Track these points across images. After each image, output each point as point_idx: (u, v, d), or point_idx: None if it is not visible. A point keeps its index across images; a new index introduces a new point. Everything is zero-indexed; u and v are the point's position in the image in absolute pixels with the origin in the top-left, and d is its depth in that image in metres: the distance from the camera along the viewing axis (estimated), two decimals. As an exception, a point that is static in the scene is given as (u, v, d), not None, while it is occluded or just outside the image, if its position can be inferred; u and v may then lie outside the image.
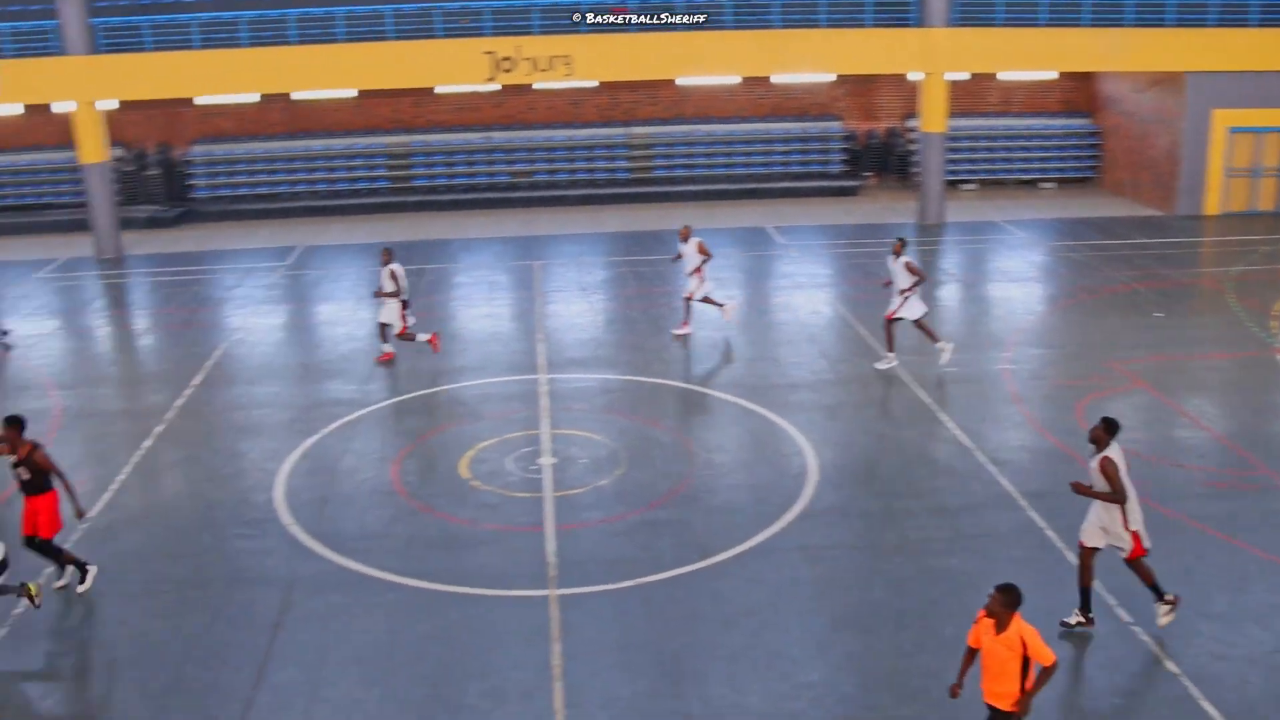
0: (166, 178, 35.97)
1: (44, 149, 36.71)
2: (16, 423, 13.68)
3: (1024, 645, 9.06)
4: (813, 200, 35.06)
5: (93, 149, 31.27)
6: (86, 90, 30.76)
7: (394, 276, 20.97)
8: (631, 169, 36.09)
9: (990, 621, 9.21)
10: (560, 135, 36.07)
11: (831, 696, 11.30)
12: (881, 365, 20.39)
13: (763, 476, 16.34)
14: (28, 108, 35.79)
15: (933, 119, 31.84)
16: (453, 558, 14.30)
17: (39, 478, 13.66)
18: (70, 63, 30.40)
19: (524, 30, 30.25)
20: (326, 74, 30.58)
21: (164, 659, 12.62)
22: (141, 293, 28.27)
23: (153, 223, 34.65)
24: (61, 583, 13.92)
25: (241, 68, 30.31)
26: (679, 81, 35.89)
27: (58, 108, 34.83)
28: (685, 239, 22.24)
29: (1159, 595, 12.12)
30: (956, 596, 12.87)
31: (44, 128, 36.62)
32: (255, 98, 35.35)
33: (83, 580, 13.91)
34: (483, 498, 15.82)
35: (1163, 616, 12.14)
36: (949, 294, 25.68)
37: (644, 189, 35.44)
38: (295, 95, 35.34)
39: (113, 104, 33.40)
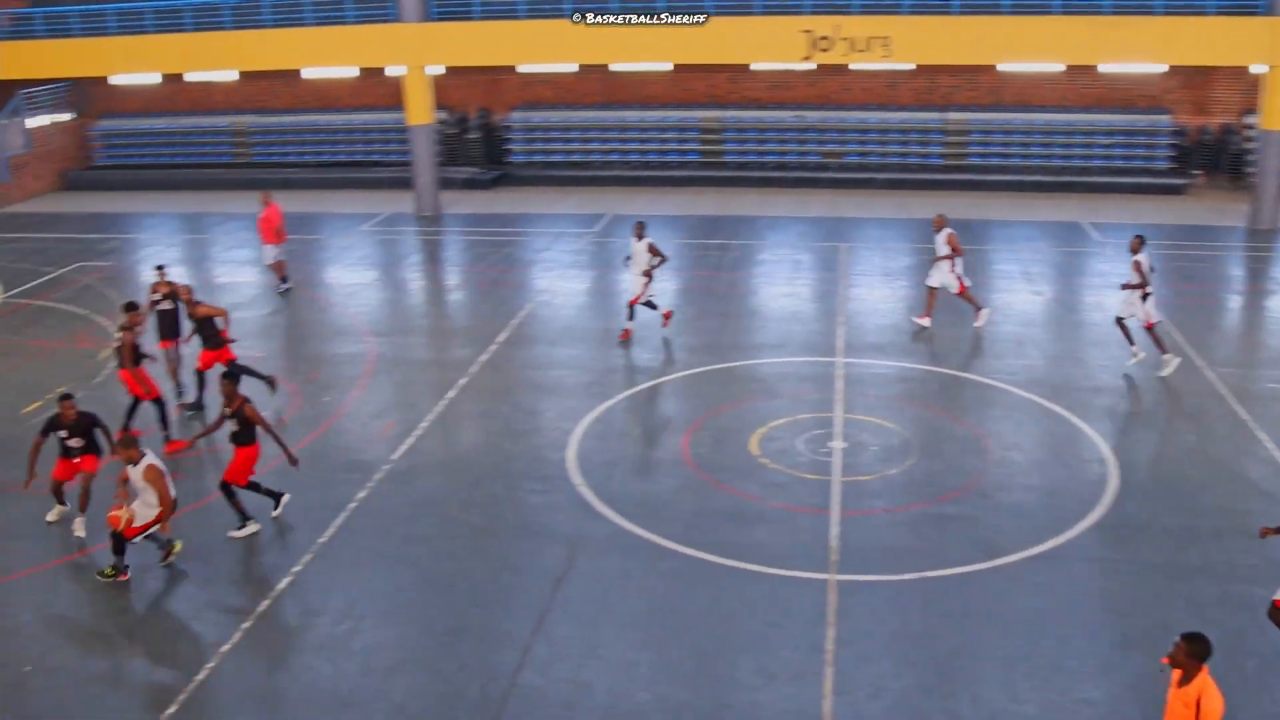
0: (486, 142, 37.28)
1: (375, 110, 38.69)
2: (232, 378, 14.84)
3: (1198, 708, 8.15)
4: (1134, 197, 33.37)
5: (420, 112, 32.72)
6: (418, 56, 32.19)
7: (652, 250, 21.10)
8: (945, 155, 35.23)
9: (1176, 672, 8.40)
10: (874, 117, 35.55)
11: (1113, 718, 10.78)
12: (1164, 370, 19.27)
13: (1058, 480, 15.71)
14: (363, 70, 37.76)
15: (1275, 115, 29.74)
16: (735, 532, 14.33)
17: (246, 430, 14.68)
18: (404, 29, 31.86)
19: (843, 9, 29.89)
20: (647, 47, 31.00)
21: (451, 601, 13.18)
22: (455, 250, 29.44)
23: (470, 184, 36.02)
24: (241, 533, 14.74)
25: (564, 38, 31.06)
26: (1000, 67, 34.77)
27: (390, 72, 36.64)
28: (939, 229, 21.55)
29: None
30: (1262, 629, 11.96)
31: (376, 90, 38.57)
32: (574, 68, 36.23)
33: (276, 506, 15.21)
34: (770, 476, 15.79)
35: None
36: (1278, 306, 24.04)
37: (955, 176, 34.56)
38: (614, 67, 36.02)
39: (440, 69, 34.84)
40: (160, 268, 20.25)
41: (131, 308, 17.83)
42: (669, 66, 35.50)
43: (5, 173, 37.64)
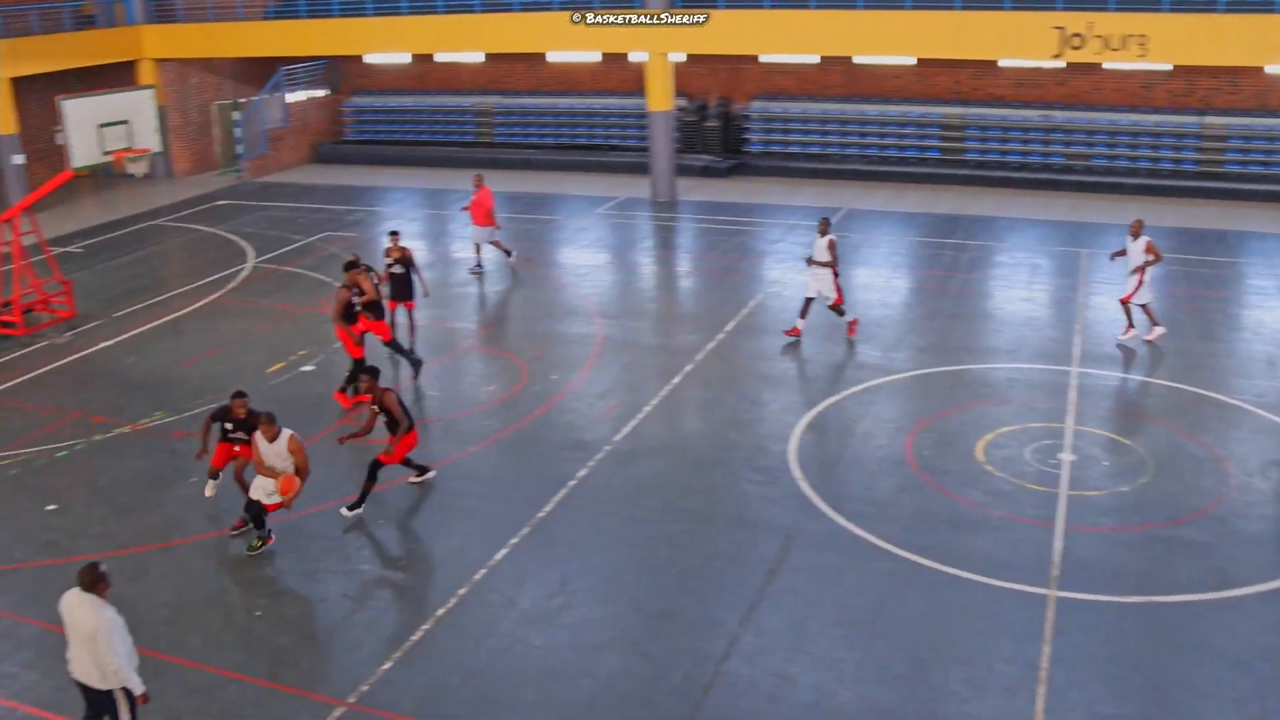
0: (724, 130, 37.32)
1: (616, 95, 39.19)
2: (372, 372, 15.05)
3: None
4: None
5: (660, 98, 32.98)
6: (660, 43, 32.43)
7: (831, 247, 20.63)
8: (1199, 161, 33.63)
9: None
10: (1125, 119, 34.17)
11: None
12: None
13: (1307, 510, 14.86)
14: (605, 55, 38.27)
15: None
16: (955, 538, 14.03)
17: (394, 419, 14.90)
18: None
19: (1099, 6, 28.81)
20: (891, 40, 30.55)
21: (662, 584, 13.28)
22: (688, 237, 29.59)
23: (706, 172, 36.14)
24: (350, 514, 14.96)
25: (808, 29, 30.86)
26: (1269, 69, 32.95)
27: (633, 57, 37.04)
28: (1136, 235, 20.53)
29: None
30: None
31: (617, 75, 39.07)
32: (816, 59, 35.95)
33: (421, 475, 15.78)
34: (995, 484, 15.39)
35: None
36: None
37: (1209, 184, 32.94)
38: (857, 59, 35.62)
39: (681, 57, 35.03)
40: (394, 233, 21.04)
41: (350, 266, 18.58)
42: (912, 61, 34.92)
43: (264, 144, 39.55)
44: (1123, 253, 21.00)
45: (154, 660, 12.11)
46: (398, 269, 20.44)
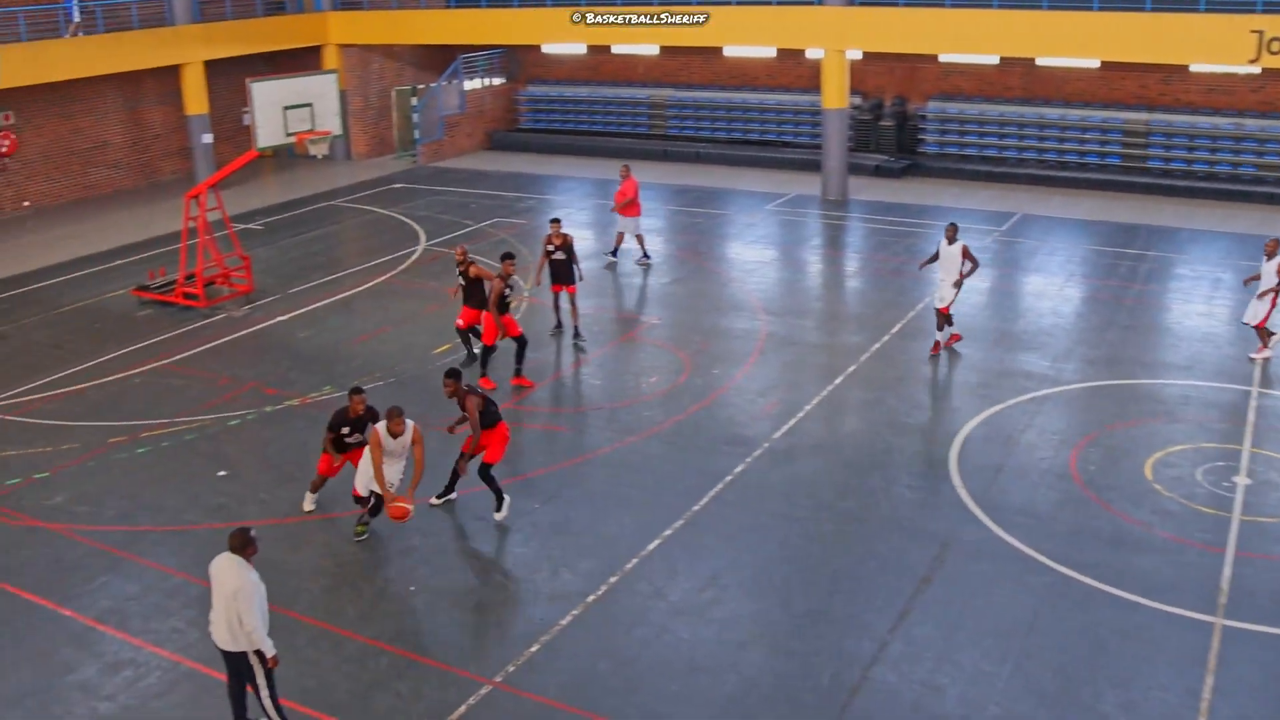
0: (898, 130, 36.80)
1: (790, 91, 38.94)
2: (455, 375, 14.56)
3: None
4: None
5: (835, 95, 32.66)
6: (838, 39, 32.11)
7: (966, 255, 19.91)
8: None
9: None
10: (1324, 130, 32.74)
11: None
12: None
13: None
14: (781, 51, 38.05)
15: None
16: (1117, 557, 13.61)
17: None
18: (827, 13, 31.85)
19: (1302, 11, 27.60)
20: (1075, 42, 29.69)
21: (813, 584, 13.19)
22: (857, 236, 29.27)
23: (879, 171, 35.69)
24: (501, 514, 14.80)
25: (989, 29, 30.20)
26: None
27: (809, 54, 36.76)
28: (1271, 255, 19.50)
29: None
30: None
31: (793, 71, 38.80)
32: (995, 60, 35.20)
33: (443, 495, 15.18)
34: (1162, 503, 14.89)
35: None
36: None
37: None
38: (1039, 61, 34.76)
39: (858, 54, 34.64)
40: (555, 220, 21.34)
41: (508, 257, 18.87)
42: (1096, 64, 33.95)
43: (440, 130, 40.32)
44: (1257, 277, 20.12)
45: (309, 626, 12.49)
46: (559, 255, 20.83)
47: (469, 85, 41.89)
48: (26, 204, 33.62)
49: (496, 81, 43.39)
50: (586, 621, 12.54)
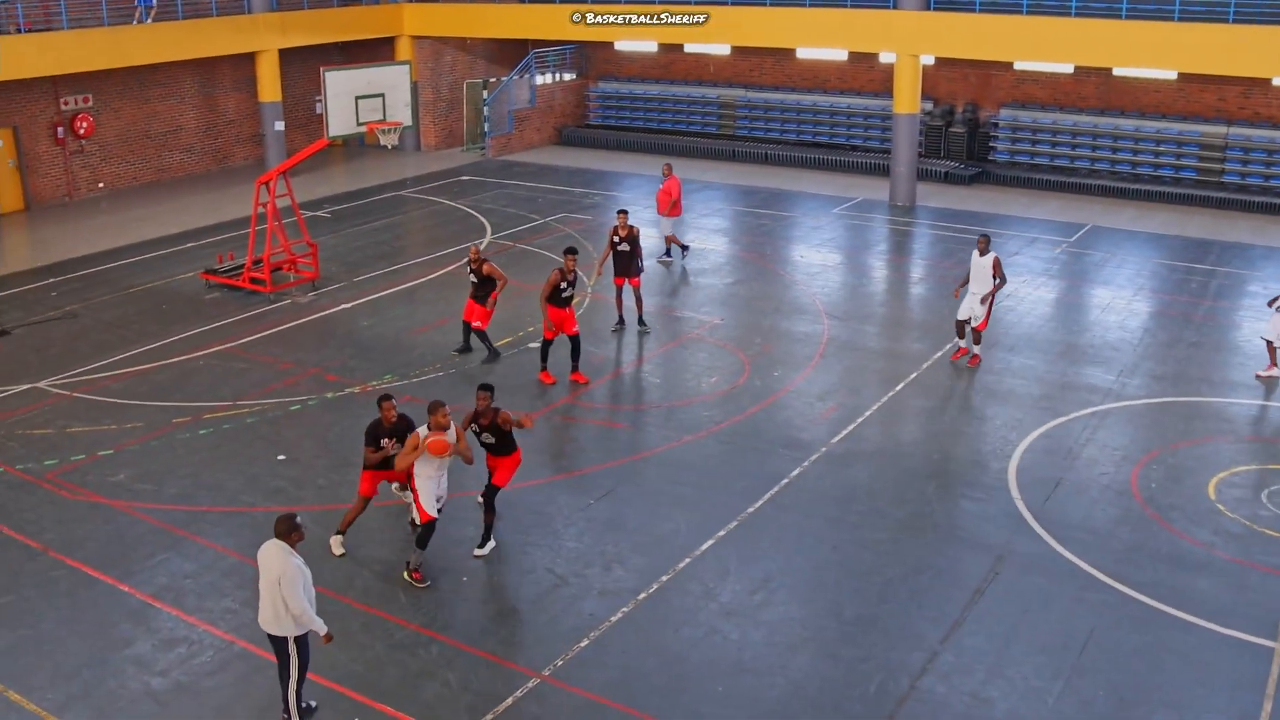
0: (970, 137, 36.49)
1: (861, 95, 38.72)
2: (489, 389, 13.76)
3: None
4: None
5: (906, 100, 32.43)
6: (912, 44, 31.88)
7: (996, 269, 19.39)
8: None
9: None
10: (1407, 150, 32.06)
11: None
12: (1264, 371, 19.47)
13: None
14: (852, 54, 37.85)
15: None
16: (1176, 577, 13.41)
17: (503, 441, 13.82)
18: (901, 17, 31.65)
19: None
20: (1153, 52, 29.28)
21: (864, 591, 13.10)
22: (924, 243, 29.05)
23: (948, 178, 35.40)
24: (482, 551, 13.98)
25: (1066, 37, 29.84)
26: None
27: (882, 58, 36.55)
28: None
29: None
30: None
31: (864, 74, 38.58)
32: (1069, 68, 34.80)
33: (482, 545, 14.04)
34: (1225, 524, 14.65)
35: None
36: None
37: None
38: (1116, 71, 34.32)
39: (931, 60, 34.36)
40: (622, 211, 21.43)
41: (570, 252, 18.95)
42: (1173, 75, 33.46)
43: (510, 124, 40.49)
44: None
45: (361, 612, 12.60)
46: (623, 246, 20.97)
47: (540, 80, 42.04)
48: (101, 186, 34.15)
49: (567, 77, 43.52)
50: (636, 619, 12.54)
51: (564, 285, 18.66)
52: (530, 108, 41.50)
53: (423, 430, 12.99)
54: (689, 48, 41.01)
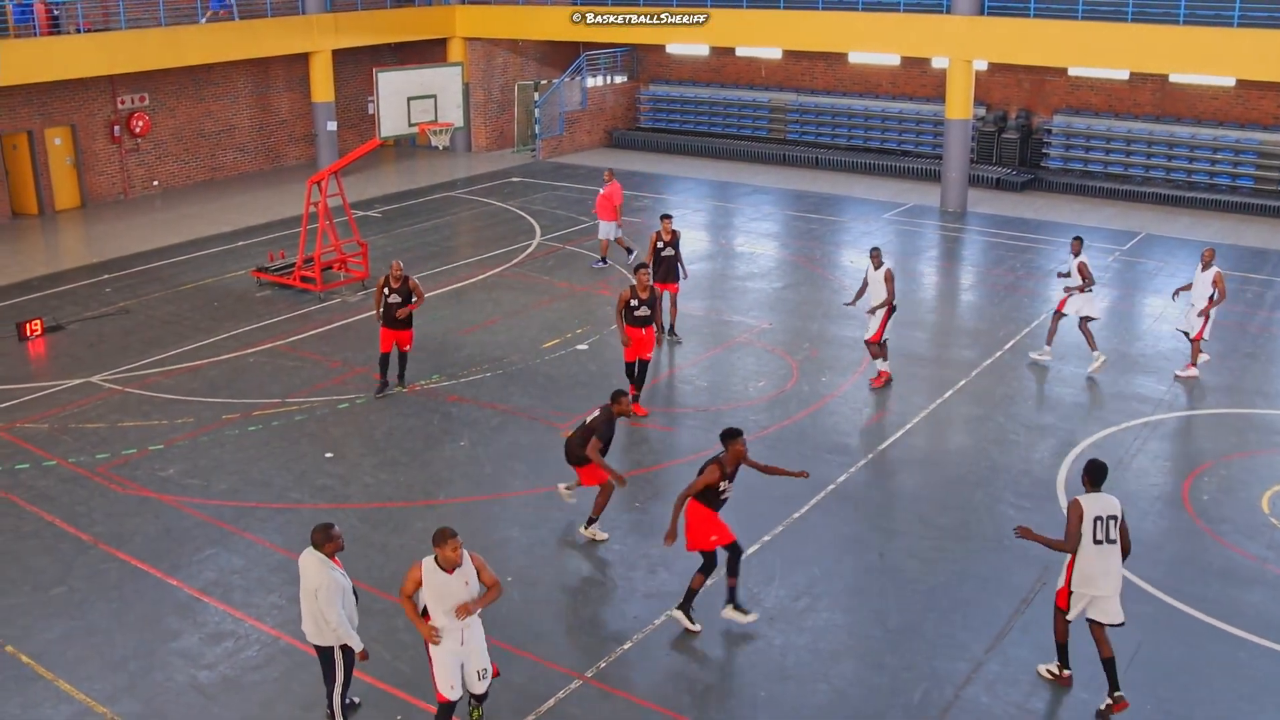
0: (1022, 143, 36.23)
1: (913, 100, 38.54)
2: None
3: None
4: None
5: (959, 106, 32.25)
6: (965, 49, 31.68)
7: (889, 279, 18.91)
8: None
9: None
10: None
11: None
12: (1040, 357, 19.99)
13: None
14: (904, 59, 37.67)
15: None
16: (1226, 591, 13.24)
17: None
18: (954, 22, 31.46)
19: None
20: (1210, 59, 28.95)
21: (909, 599, 13.01)
22: (974, 250, 28.86)
23: (1000, 184, 35.16)
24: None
25: (1121, 43, 29.56)
26: None
27: (935, 63, 36.36)
28: (1206, 266, 19.30)
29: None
30: None
31: (917, 79, 38.40)
32: (1125, 75, 34.48)
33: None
34: (1278, 538, 14.45)
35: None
36: None
37: None
38: (1172, 77, 33.96)
39: (984, 65, 34.13)
40: (666, 216, 21.20)
41: (642, 267, 18.28)
42: (1231, 82, 33.07)
43: (561, 126, 40.58)
44: (1187, 287, 19.95)
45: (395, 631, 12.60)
46: (667, 251, 20.57)
47: (591, 82, 42.12)
48: (156, 184, 34.52)
49: (619, 79, 43.58)
50: (671, 624, 12.51)
51: (636, 303, 17.73)
52: (581, 110, 41.59)
53: (427, 563, 9.84)
54: (740, 51, 40.97)
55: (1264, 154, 33.00)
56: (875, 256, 19.09)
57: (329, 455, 16.56)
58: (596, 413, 13.96)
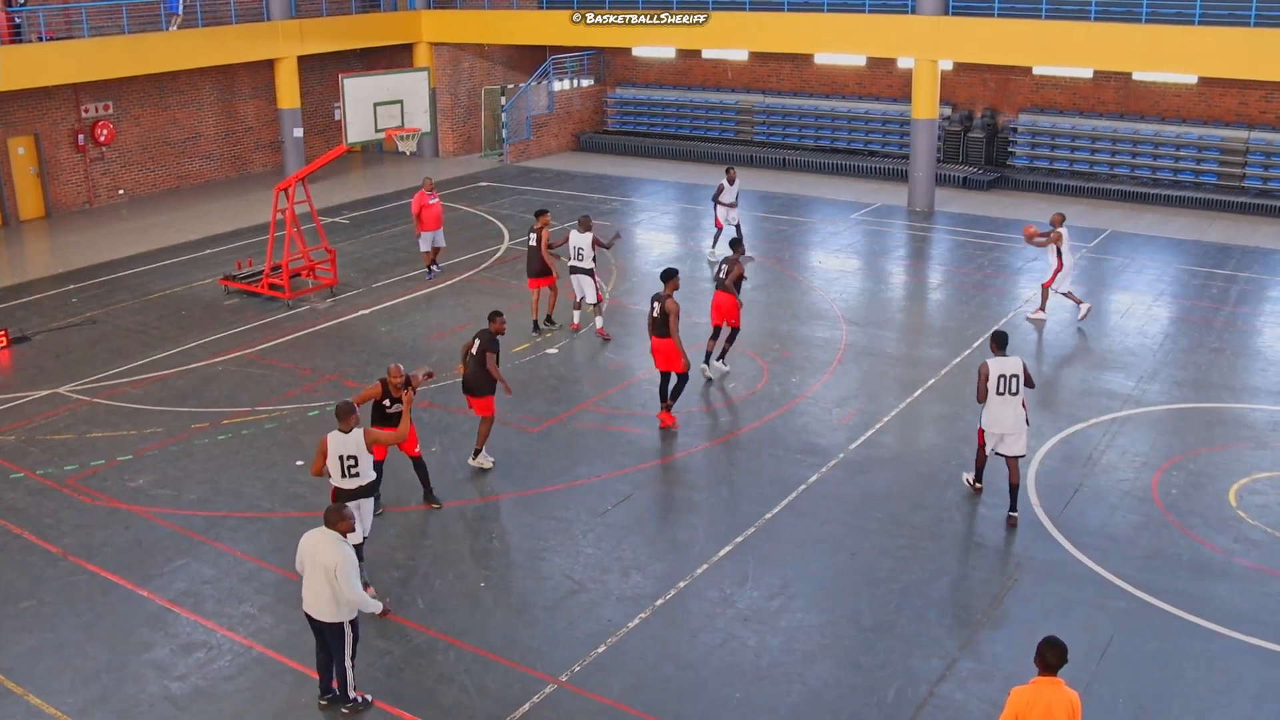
0: (988, 142, 36.40)
1: (879, 100, 38.67)
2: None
3: None
4: None
5: (925, 106, 32.38)
6: (931, 49, 31.82)
7: (594, 245, 21.05)
8: None
9: None
10: None
11: None
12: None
13: None
14: (870, 60, 37.81)
15: None
16: (1195, 584, 13.34)
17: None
18: (920, 22, 31.60)
19: None
20: (1173, 57, 29.17)
21: (883, 598, 13.07)
22: (943, 249, 28.99)
23: (967, 184, 35.33)
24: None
25: (1085, 42, 29.75)
26: None
27: (900, 63, 36.51)
28: (1055, 226, 20.87)
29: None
30: None
31: (883, 80, 38.54)
32: (1088, 73, 34.70)
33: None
34: (1246, 531, 14.57)
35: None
36: None
37: None
38: (1135, 75, 34.21)
39: (949, 65, 34.27)
40: (542, 212, 21.98)
41: (670, 275, 17.62)
42: (1194, 80, 33.33)
43: (528, 130, 40.55)
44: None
45: (379, 618, 12.58)
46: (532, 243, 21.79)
47: (558, 86, 42.11)
48: (121, 192, 34.30)
49: (585, 83, 43.58)
50: (654, 625, 12.53)
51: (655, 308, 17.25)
52: (548, 114, 41.57)
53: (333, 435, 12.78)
54: (707, 53, 41.04)
55: (1226, 150, 33.26)
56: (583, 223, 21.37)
57: (300, 463, 16.50)
58: (478, 342, 15.50)
